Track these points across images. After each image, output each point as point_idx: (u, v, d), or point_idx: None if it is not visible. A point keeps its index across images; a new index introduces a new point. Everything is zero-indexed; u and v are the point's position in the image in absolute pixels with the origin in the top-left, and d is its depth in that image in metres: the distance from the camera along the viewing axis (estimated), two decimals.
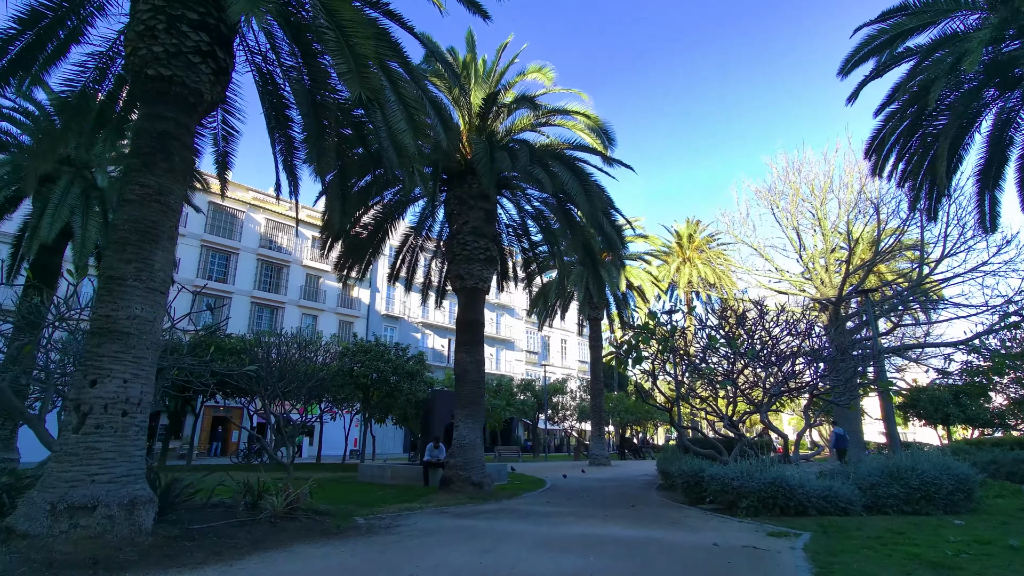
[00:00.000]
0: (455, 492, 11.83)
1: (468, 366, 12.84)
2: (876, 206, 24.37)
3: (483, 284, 13.37)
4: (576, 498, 12.35)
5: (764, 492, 8.90)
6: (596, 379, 28.98)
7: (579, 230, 14.15)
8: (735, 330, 12.05)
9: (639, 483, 16.76)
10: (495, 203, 14.09)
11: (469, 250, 13.31)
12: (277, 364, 17.30)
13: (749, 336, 11.77)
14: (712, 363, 12.04)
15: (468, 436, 12.35)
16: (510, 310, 56.79)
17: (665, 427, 60.03)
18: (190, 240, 36.77)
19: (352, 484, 14.96)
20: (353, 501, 10.81)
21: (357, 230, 15.27)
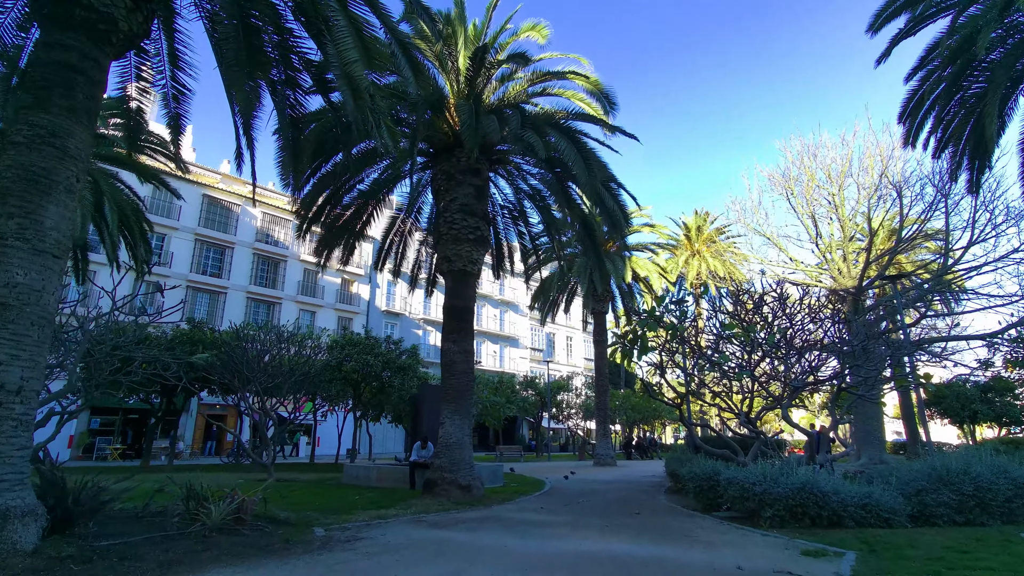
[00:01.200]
0: (439, 496, 10.60)
1: (455, 357, 11.59)
2: (899, 189, 22.89)
3: (472, 267, 12.12)
4: (575, 503, 11.07)
5: (792, 500, 7.59)
6: (601, 375, 27.65)
7: (577, 208, 12.87)
8: (751, 316, 10.73)
9: (645, 486, 15.45)
10: (486, 179, 12.83)
11: (457, 229, 12.06)
12: (256, 358, 16.17)
13: (767, 323, 10.45)
14: (727, 353, 10.72)
15: (455, 434, 11.11)
16: (514, 307, 55.57)
17: (674, 426, 58.54)
18: (183, 234, 35.85)
19: (333, 487, 13.77)
20: (323, 507, 9.60)
21: (338, 211, 14.07)
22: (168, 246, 35.18)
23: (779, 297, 10.74)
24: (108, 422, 32.55)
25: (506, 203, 15.45)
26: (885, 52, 11.60)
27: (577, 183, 12.52)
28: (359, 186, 14.05)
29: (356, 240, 14.87)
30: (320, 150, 10.81)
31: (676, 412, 46.34)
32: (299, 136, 8.30)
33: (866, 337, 10.55)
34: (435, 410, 14.51)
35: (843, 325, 11.73)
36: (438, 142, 12.80)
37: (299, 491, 12.19)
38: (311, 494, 11.62)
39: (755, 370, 10.46)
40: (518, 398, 31.38)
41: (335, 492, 12.20)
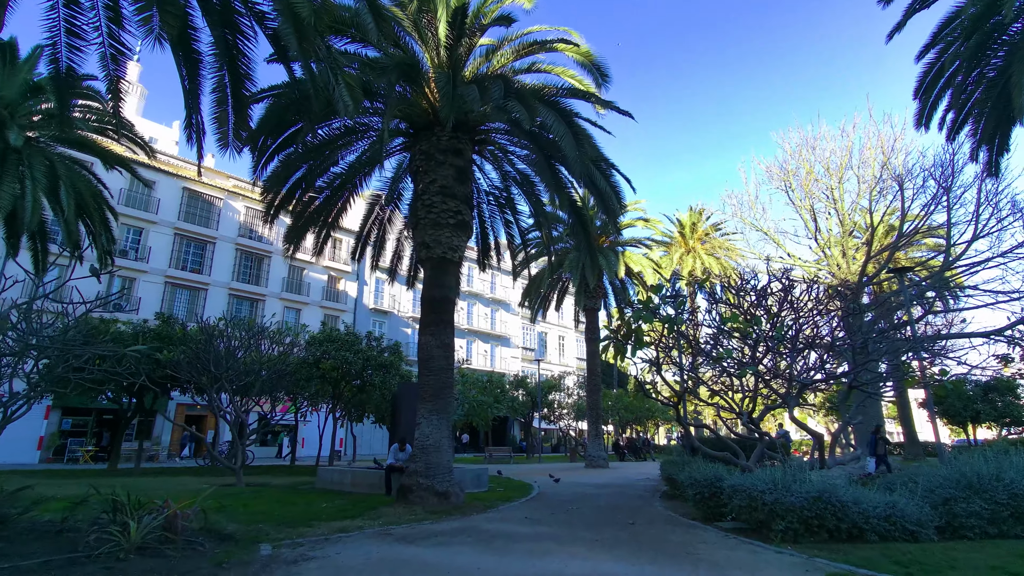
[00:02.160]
0: (413, 504, 9.61)
1: (434, 351, 10.60)
2: (900, 182, 22.17)
3: (453, 254, 11.14)
4: (563, 511, 10.12)
5: (807, 511, 6.67)
6: (593, 374, 26.72)
7: (566, 192, 11.91)
8: (755, 308, 9.83)
9: (640, 490, 14.54)
10: (469, 160, 11.86)
11: (436, 213, 11.07)
12: (226, 354, 15.09)
13: (773, 316, 9.55)
14: (728, 347, 9.81)
15: (432, 435, 10.13)
16: (505, 305, 54.62)
17: (667, 426, 57.81)
18: (162, 228, 34.59)
19: (305, 492, 12.75)
20: (282, 518, 8.60)
21: (309, 196, 13.04)
22: (146, 240, 33.92)
23: (785, 288, 9.85)
24: (81, 423, 31.25)
25: (492, 189, 14.49)
26: (899, 24, 10.75)
27: (567, 164, 11.55)
28: (333, 169, 13.04)
29: (330, 229, 13.84)
30: (281, 124, 9.79)
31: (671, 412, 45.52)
32: (244, 95, 7.27)
33: (874, 332, 9.69)
34: (414, 409, 13.51)
35: (851, 319, 10.86)
36: (416, 120, 11.82)
37: (264, 498, 11.17)
38: (275, 501, 10.60)
39: (759, 366, 9.55)
40: (507, 398, 30.38)
41: (303, 499, 11.19)
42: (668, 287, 23.96)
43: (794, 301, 9.97)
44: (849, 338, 9.51)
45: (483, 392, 25.96)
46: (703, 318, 11.14)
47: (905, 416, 31.96)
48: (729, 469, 9.54)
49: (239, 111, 8.13)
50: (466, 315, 51.15)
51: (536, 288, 28.00)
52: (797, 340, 9.74)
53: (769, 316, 8.96)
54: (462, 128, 11.73)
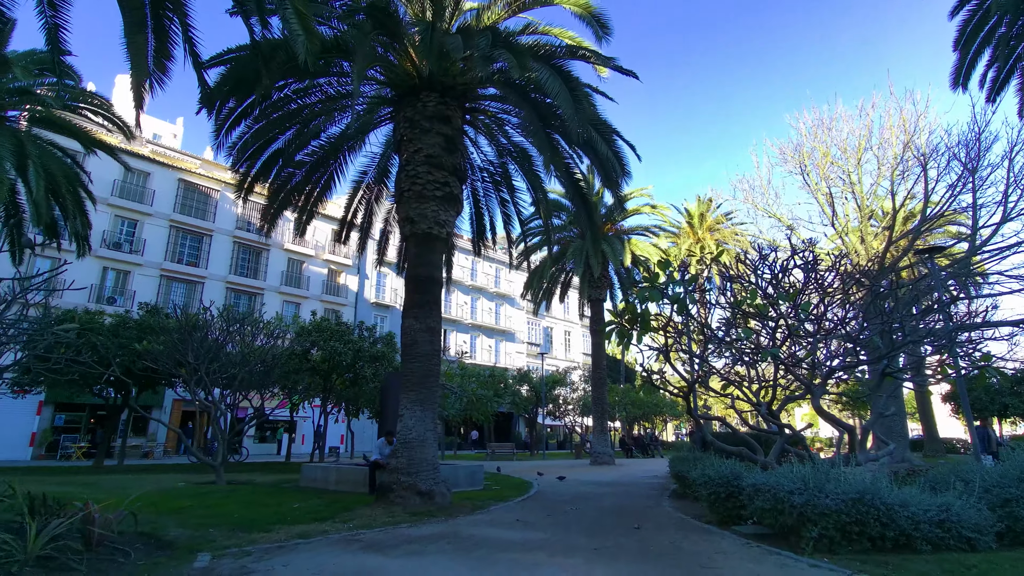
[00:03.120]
0: (393, 505, 8.63)
1: (418, 335, 9.60)
2: (923, 163, 20.90)
3: (440, 229, 10.13)
4: (561, 513, 9.10)
5: (846, 514, 5.61)
6: (598, 368, 25.65)
7: (563, 162, 10.85)
8: (775, 285, 8.73)
9: (646, 488, 13.50)
10: (459, 129, 10.83)
11: (421, 184, 10.06)
12: (208, 345, 14.19)
13: (796, 293, 8.46)
14: (748, 328, 8.72)
15: (415, 429, 9.14)
16: (510, 300, 53.62)
17: (675, 422, 56.65)
18: (158, 220, 33.86)
19: (286, 490, 11.83)
20: (243, 520, 7.64)
21: (289, 170, 12.07)
22: (140, 232, 33.21)
23: (809, 262, 8.75)
24: (74, 419, 30.62)
25: (486, 164, 13.44)
26: None
27: (565, 132, 10.53)
28: (315, 143, 12.05)
29: (312, 207, 12.87)
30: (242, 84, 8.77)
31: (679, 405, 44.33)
32: (193, 38, 6.26)
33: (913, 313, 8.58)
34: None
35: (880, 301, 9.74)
36: (400, 84, 10.80)
37: (236, 497, 10.24)
38: (246, 501, 9.66)
39: (781, 349, 8.47)
40: (508, 392, 29.36)
41: (278, 498, 10.24)
42: (676, 266, 22.77)
43: (819, 277, 8.88)
44: (881, 320, 8.40)
45: (483, 386, 24.96)
46: (716, 298, 10.05)
47: (924, 410, 30.63)
48: (747, 466, 8.49)
49: (195, 63, 7.16)
50: (470, 310, 50.25)
51: (538, 279, 26.93)
52: (823, 320, 8.65)
53: (792, 294, 7.87)
54: (450, 93, 10.71)
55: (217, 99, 8.88)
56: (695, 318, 9.99)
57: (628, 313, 9.58)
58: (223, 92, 8.85)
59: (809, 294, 8.37)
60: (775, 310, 8.63)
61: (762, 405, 9.35)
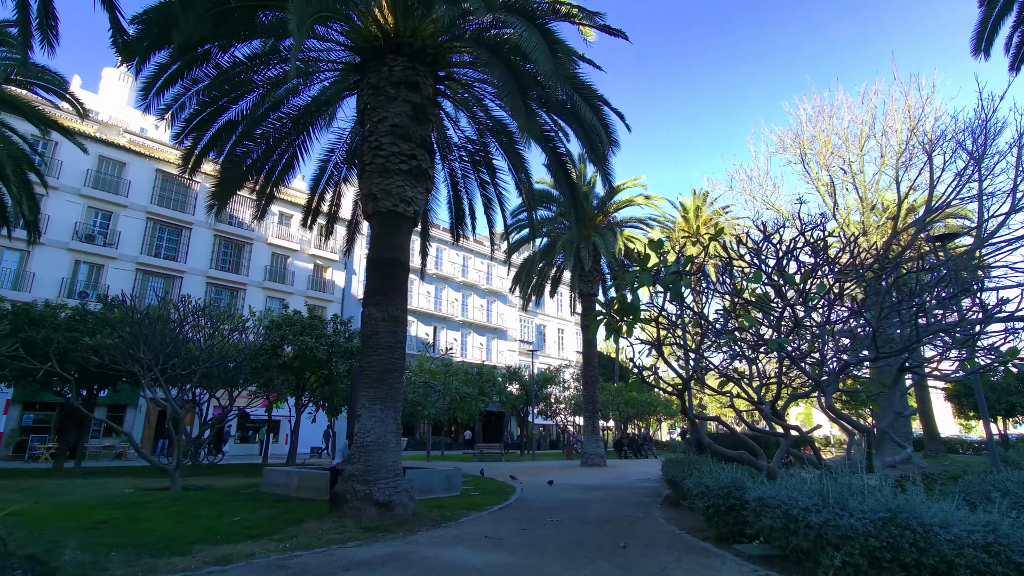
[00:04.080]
0: (347, 517, 7.55)
1: (378, 325, 8.52)
2: (929, 151, 19.98)
3: (406, 207, 9.03)
4: (539, 526, 8.04)
5: (875, 537, 4.57)
6: (590, 365, 24.63)
7: (540, 129, 9.76)
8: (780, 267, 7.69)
9: (638, 494, 12.48)
10: (430, 98, 9.72)
11: (385, 157, 8.97)
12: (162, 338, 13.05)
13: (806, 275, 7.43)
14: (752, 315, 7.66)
15: (374, 430, 8.06)
16: (502, 297, 52.55)
17: (670, 422, 55.76)
18: (133, 211, 32.55)
19: (236, 498, 10.72)
20: (161, 538, 6.54)
21: (246, 145, 10.93)
22: (115, 225, 31.89)
23: (819, 242, 7.72)
24: (43, 418, 29.32)
25: (464, 143, 12.34)
26: None
27: (546, 101, 9.46)
28: (273, 115, 10.92)
29: (272, 187, 11.76)
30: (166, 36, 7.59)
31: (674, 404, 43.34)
32: None
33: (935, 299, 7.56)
34: None
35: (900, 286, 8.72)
36: (365, 47, 9.69)
37: (175, 507, 9.13)
38: (181, 513, 8.54)
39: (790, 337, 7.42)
40: (494, 390, 28.27)
41: (222, 508, 9.13)
42: (671, 247, 21.69)
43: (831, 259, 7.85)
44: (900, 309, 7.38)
45: (468, 383, 23.88)
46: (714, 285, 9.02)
47: (925, 409, 29.77)
48: (749, 473, 7.46)
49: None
50: (460, 307, 49.18)
51: (527, 273, 25.88)
52: (835, 305, 7.62)
53: (804, 274, 6.83)
54: (420, 58, 9.62)
55: (138, 52, 7.73)
56: (691, 307, 8.95)
57: (617, 302, 8.53)
58: (146, 44, 7.70)
59: (820, 278, 7.33)
60: (780, 297, 7.59)
61: (765, 404, 8.32)
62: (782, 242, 7.72)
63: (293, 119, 11.22)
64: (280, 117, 10.96)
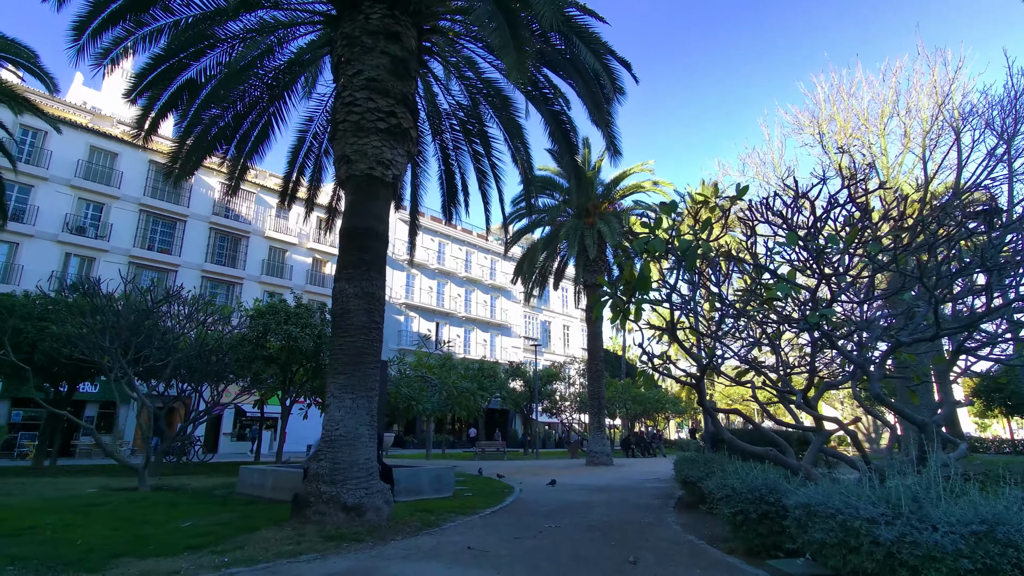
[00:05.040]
0: (308, 523, 6.48)
1: (350, 303, 7.44)
2: (957, 131, 18.72)
3: (383, 170, 7.95)
4: (534, 534, 6.93)
5: (969, 558, 3.44)
6: (595, 359, 23.48)
7: (528, 70, 8.60)
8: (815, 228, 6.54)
9: (648, 495, 11.34)
10: (411, 52, 8.61)
11: (359, 114, 7.89)
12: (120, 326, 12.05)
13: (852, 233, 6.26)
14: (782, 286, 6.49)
15: (344, 422, 6.98)
16: (506, 292, 51.46)
17: (679, 419, 54.46)
18: (126, 203, 31.74)
19: (206, 499, 9.70)
20: (81, 549, 5.50)
21: (212, 111, 9.87)
22: (107, 217, 31.09)
23: (863, 195, 6.56)
24: (33, 415, 28.51)
25: (456, 109, 11.23)
26: None
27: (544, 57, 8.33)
28: (245, 75, 9.85)
29: (244, 158, 10.68)
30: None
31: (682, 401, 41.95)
32: None
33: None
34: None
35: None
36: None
37: (122, 511, 8.11)
38: (125, 518, 7.50)
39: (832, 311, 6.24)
40: (495, 385, 27.15)
41: (179, 511, 8.09)
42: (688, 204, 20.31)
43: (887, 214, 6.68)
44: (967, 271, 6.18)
45: (466, 378, 22.77)
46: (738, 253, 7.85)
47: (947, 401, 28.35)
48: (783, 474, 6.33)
49: None
50: (464, 302, 48.15)
51: (530, 263, 24.74)
52: (886, 271, 6.47)
53: (852, 233, 5.66)
54: (401, 6, 8.53)
55: None
56: (708, 283, 7.81)
57: (624, 280, 7.39)
58: None
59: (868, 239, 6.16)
60: (816, 264, 6.43)
61: (796, 393, 7.17)
62: (824, 199, 6.56)
63: (266, 83, 10.16)
64: (250, 78, 9.90)
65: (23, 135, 29.13)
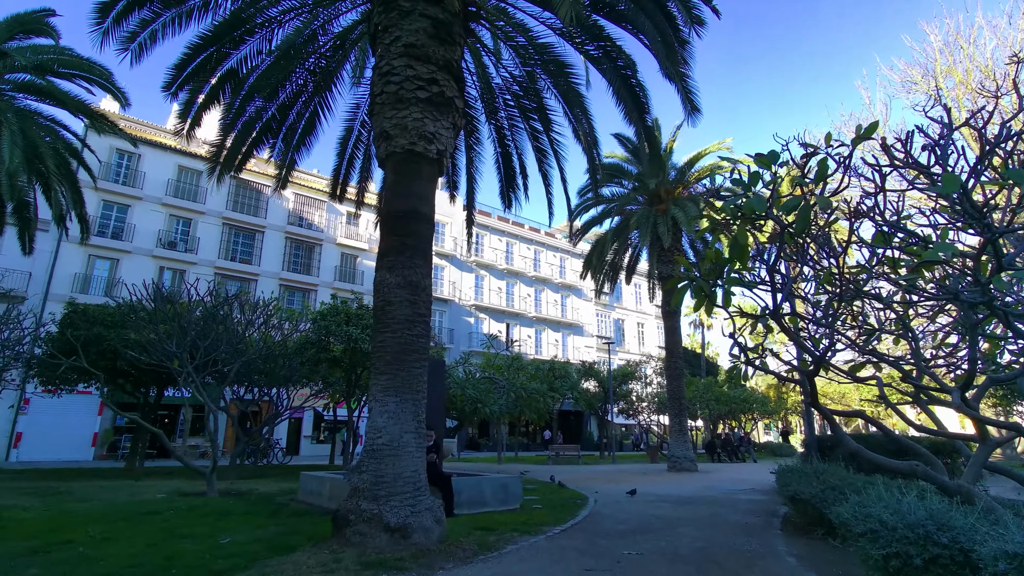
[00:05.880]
0: (347, 546, 5.67)
1: (392, 294, 6.62)
2: None
3: (426, 145, 7.08)
4: (607, 565, 5.73)
5: None
6: (673, 356, 21.69)
7: (585, 17, 7.40)
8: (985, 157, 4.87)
9: (742, 511, 9.75)
10: (456, 15, 7.73)
11: (397, 83, 7.08)
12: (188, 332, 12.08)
13: None
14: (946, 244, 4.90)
15: (387, 430, 6.15)
16: (577, 291, 50.06)
17: (766, 420, 50.55)
18: (210, 218, 33.52)
19: (266, 507, 9.30)
20: (102, 571, 4.98)
21: (257, 103, 9.47)
22: (195, 231, 32.97)
23: None
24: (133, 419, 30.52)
25: (510, 82, 10.23)
26: None
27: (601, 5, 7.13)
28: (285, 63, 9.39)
29: (291, 151, 10.25)
30: None
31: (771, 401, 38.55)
32: None
33: None
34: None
35: None
36: None
37: (173, 522, 7.74)
38: (175, 530, 7.09)
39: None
40: (565, 386, 25.85)
41: (232, 522, 7.63)
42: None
43: None
44: None
45: (535, 379, 21.71)
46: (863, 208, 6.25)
47: None
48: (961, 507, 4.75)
49: None
50: (534, 302, 47.30)
51: (599, 256, 23.35)
52: None
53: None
54: None
55: None
56: (823, 251, 6.27)
57: (709, 259, 6.03)
58: None
59: None
60: (977, 222, 4.79)
61: (954, 391, 5.50)
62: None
63: (309, 70, 9.66)
64: (293, 66, 9.41)
65: (119, 159, 31.41)
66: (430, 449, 9.05)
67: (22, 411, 26.76)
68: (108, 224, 30.47)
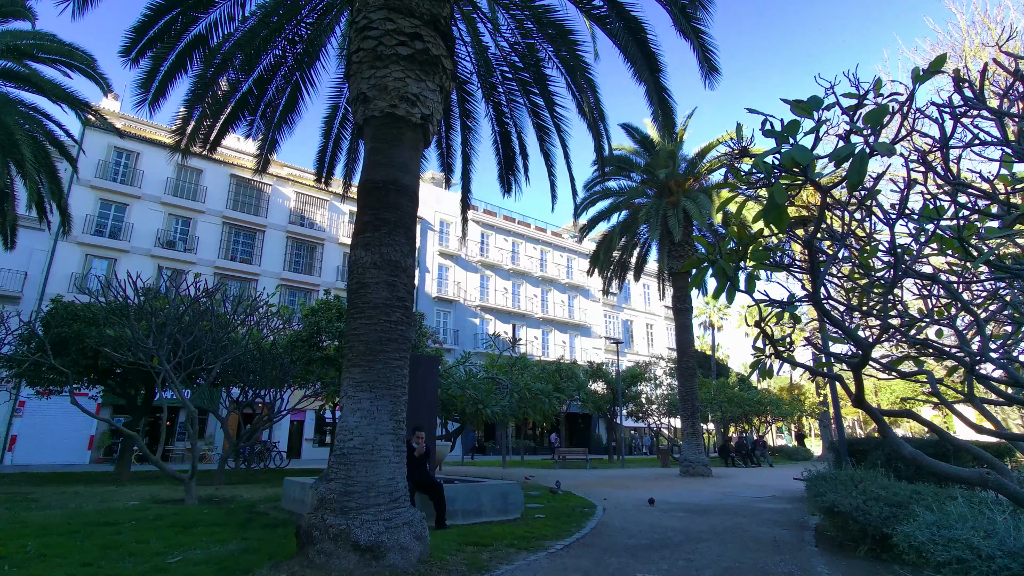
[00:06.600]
0: (311, 567, 4.80)
1: (368, 274, 5.75)
2: None
3: (408, 108, 6.23)
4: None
5: None
6: (685, 355, 20.69)
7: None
8: None
9: (768, 523, 8.78)
10: None
11: (376, 39, 6.24)
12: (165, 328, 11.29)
13: None
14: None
15: (360, 430, 5.28)
16: (584, 291, 49.09)
17: (780, 423, 49.21)
18: (210, 217, 32.95)
19: (242, 516, 8.46)
20: None
21: (230, 76, 8.69)
22: (194, 230, 32.38)
23: None
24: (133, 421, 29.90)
25: (507, 52, 9.37)
26: None
27: None
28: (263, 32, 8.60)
29: (272, 130, 9.44)
30: None
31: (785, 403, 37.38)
32: None
33: None
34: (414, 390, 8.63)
35: None
36: None
37: (135, 533, 6.92)
38: (126, 545, 6.26)
39: None
40: (572, 387, 24.90)
41: (198, 534, 6.79)
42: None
43: None
44: None
45: (539, 379, 20.81)
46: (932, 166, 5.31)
47: None
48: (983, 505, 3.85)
49: None
50: (540, 303, 46.36)
51: (606, 251, 22.41)
52: None
53: None
54: None
55: None
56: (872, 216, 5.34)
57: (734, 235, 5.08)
58: None
59: None
60: None
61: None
62: None
63: (289, 39, 8.85)
64: (271, 36, 8.61)
65: (117, 157, 30.90)
66: (424, 455, 8.18)
67: (17, 413, 26.19)
68: (106, 223, 29.95)
